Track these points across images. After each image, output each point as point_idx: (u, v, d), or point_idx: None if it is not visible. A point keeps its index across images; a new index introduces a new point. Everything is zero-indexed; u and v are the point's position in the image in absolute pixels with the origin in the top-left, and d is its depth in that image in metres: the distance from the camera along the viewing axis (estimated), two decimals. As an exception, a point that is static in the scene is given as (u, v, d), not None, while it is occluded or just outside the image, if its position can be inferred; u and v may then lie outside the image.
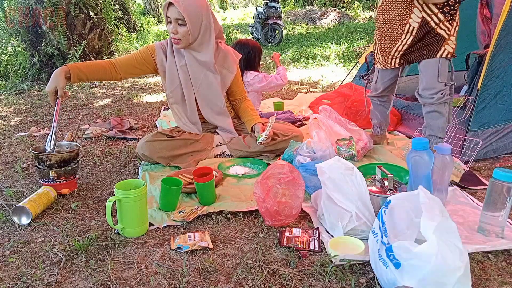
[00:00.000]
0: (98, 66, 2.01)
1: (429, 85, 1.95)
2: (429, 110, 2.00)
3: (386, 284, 1.13)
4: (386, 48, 2.03)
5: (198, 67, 2.11)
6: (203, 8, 1.99)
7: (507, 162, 2.11)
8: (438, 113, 1.98)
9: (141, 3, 14.19)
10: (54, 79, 1.83)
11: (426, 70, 1.95)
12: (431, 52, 1.92)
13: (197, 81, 2.13)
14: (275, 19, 7.81)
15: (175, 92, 2.17)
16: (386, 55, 2.05)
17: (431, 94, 1.95)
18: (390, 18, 1.96)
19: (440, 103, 1.96)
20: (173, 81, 2.14)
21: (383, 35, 2.02)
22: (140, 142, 2.11)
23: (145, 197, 1.51)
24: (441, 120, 1.99)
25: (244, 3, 20.35)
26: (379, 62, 2.14)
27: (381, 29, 2.02)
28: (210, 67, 2.11)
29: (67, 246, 1.44)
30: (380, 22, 2.01)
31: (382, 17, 2.00)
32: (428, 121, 2.04)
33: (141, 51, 2.12)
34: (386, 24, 1.98)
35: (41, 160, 1.82)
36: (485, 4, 2.55)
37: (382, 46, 2.06)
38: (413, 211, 1.20)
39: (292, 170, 1.57)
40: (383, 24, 2.00)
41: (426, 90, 1.97)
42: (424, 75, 1.97)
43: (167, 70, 2.12)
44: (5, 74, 5.01)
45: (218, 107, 2.22)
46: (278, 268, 1.28)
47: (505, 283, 1.21)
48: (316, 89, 4.09)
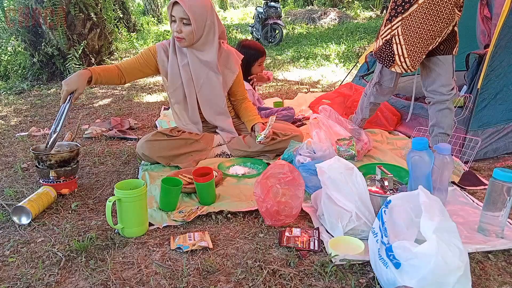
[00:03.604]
0: (111, 71, 2.02)
1: (447, 81, 1.95)
2: (442, 108, 1.99)
3: (386, 284, 1.13)
4: (417, 52, 1.92)
5: (200, 67, 2.11)
6: (208, 8, 2.00)
7: (507, 162, 2.11)
8: (449, 110, 2.00)
9: (141, 3, 14.18)
10: (76, 80, 1.85)
11: (443, 66, 1.93)
12: (449, 49, 1.92)
13: (199, 81, 2.13)
14: (275, 19, 7.80)
15: (177, 92, 2.17)
16: (416, 59, 1.93)
17: (448, 91, 1.96)
18: (436, 17, 1.84)
19: (451, 100, 1.98)
20: (175, 81, 2.14)
21: (418, 37, 1.89)
22: (140, 142, 2.11)
23: (145, 197, 1.51)
24: (451, 116, 2.01)
25: (244, 3, 20.34)
26: (401, 66, 1.98)
27: (420, 30, 1.88)
28: (213, 67, 2.11)
29: (67, 246, 1.44)
30: (420, 21, 1.88)
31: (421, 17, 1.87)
32: (438, 119, 2.03)
33: (143, 54, 2.13)
34: (428, 24, 1.86)
35: (41, 160, 1.82)
36: (485, 4, 2.55)
37: (412, 49, 1.92)
38: (413, 211, 1.20)
39: (292, 170, 1.57)
40: (423, 24, 1.87)
41: (443, 87, 1.95)
42: (441, 72, 1.95)
43: (168, 69, 2.12)
44: (5, 74, 5.00)
45: (219, 107, 2.22)
46: (278, 268, 1.28)
47: (505, 283, 1.21)
48: (316, 89, 4.09)
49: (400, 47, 1.95)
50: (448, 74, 1.94)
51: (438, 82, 1.97)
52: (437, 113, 2.03)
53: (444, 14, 1.84)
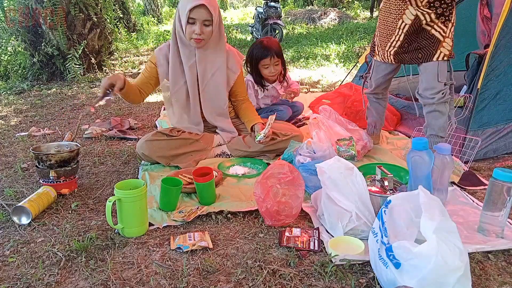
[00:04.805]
0: (134, 86, 2.07)
1: (429, 85, 1.95)
2: (430, 110, 2.00)
3: (386, 284, 1.13)
4: (383, 42, 2.04)
5: (208, 66, 2.12)
6: (218, 8, 2.05)
7: (507, 162, 2.11)
8: (439, 112, 1.98)
9: (141, 3, 14.18)
10: (116, 77, 1.87)
11: (425, 71, 1.96)
12: (427, 56, 1.92)
13: (204, 81, 2.14)
14: (275, 19, 7.80)
15: (179, 92, 2.16)
16: (383, 48, 2.06)
17: (432, 94, 1.95)
18: (388, 11, 1.96)
19: (440, 103, 1.96)
20: (177, 81, 2.14)
21: (382, 27, 2.03)
22: (139, 142, 2.11)
23: (145, 197, 1.51)
24: (442, 119, 1.99)
25: (244, 3, 20.34)
26: (378, 55, 2.13)
27: (381, 21, 2.03)
28: (221, 66, 2.13)
29: (67, 246, 1.44)
30: (381, 14, 2.03)
31: (383, 10, 2.01)
32: (429, 121, 2.04)
33: (146, 67, 2.17)
34: (385, 16, 1.99)
35: (41, 160, 1.82)
36: (485, 4, 2.55)
37: (381, 39, 2.06)
38: (413, 211, 1.20)
39: (292, 170, 1.57)
40: (383, 16, 2.01)
41: (427, 90, 1.97)
42: (424, 76, 1.97)
43: (170, 70, 2.12)
44: (5, 74, 5.00)
45: (220, 108, 2.22)
46: (278, 268, 1.28)
47: (505, 283, 1.21)
48: (316, 89, 4.08)
49: (377, 38, 2.12)
50: (431, 78, 1.94)
51: (421, 86, 2.00)
52: (427, 114, 2.04)
53: (392, 5, 1.94)
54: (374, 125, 2.38)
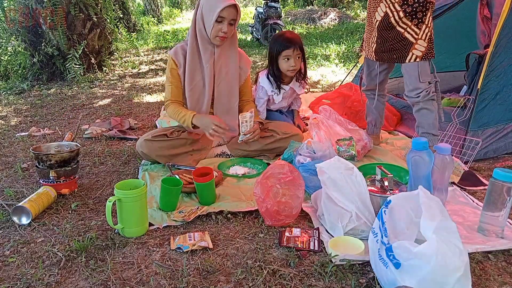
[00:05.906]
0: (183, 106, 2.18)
1: (413, 87, 2.00)
2: (418, 108, 2.04)
3: (386, 284, 1.13)
4: (368, 38, 2.13)
5: (224, 63, 2.14)
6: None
7: (507, 162, 2.11)
8: (427, 110, 2.02)
9: (141, 3, 14.18)
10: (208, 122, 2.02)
11: (407, 73, 2.01)
12: (401, 58, 1.98)
13: (220, 77, 2.16)
14: (275, 19, 7.79)
15: (195, 88, 2.15)
16: (368, 45, 2.14)
17: (416, 94, 2.00)
18: (370, 6, 2.06)
19: (426, 100, 1.99)
20: (194, 77, 2.15)
21: (368, 23, 2.12)
22: (139, 140, 2.11)
23: (145, 197, 1.51)
24: (430, 116, 2.02)
25: (244, 3, 20.35)
26: (364, 51, 2.22)
27: (367, 17, 2.12)
28: (235, 63, 2.17)
29: (67, 246, 1.44)
30: (367, 10, 2.11)
31: (368, 6, 2.09)
32: (419, 120, 2.08)
33: (168, 76, 2.16)
34: (368, 12, 2.08)
35: (41, 160, 1.82)
36: (485, 4, 2.55)
37: (366, 36, 2.16)
38: (413, 211, 1.20)
39: (292, 170, 1.57)
40: (368, 12, 2.09)
41: (411, 91, 2.02)
42: (406, 78, 2.03)
43: (188, 68, 2.12)
44: (5, 74, 5.00)
45: (232, 103, 2.22)
46: (278, 268, 1.28)
47: (505, 283, 1.21)
48: (316, 89, 4.08)
49: (365, 34, 2.19)
50: (413, 80, 1.98)
51: (406, 88, 2.05)
52: (416, 114, 2.08)
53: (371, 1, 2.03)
54: (374, 123, 2.37)
